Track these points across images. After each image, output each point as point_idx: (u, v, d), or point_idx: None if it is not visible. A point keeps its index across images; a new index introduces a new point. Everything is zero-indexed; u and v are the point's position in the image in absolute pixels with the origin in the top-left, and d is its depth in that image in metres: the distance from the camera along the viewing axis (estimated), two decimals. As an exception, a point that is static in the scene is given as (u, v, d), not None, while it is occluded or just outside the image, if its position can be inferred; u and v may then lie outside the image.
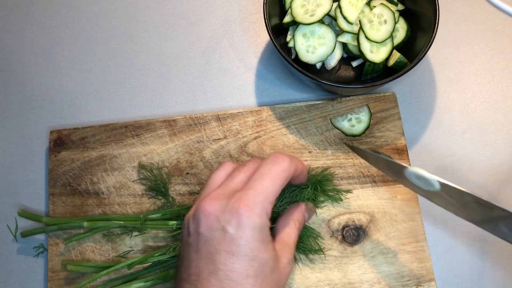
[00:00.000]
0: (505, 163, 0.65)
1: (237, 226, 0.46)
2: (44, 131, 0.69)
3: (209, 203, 0.48)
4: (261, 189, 0.48)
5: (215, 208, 0.48)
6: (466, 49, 0.71)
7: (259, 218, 0.47)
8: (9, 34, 0.74)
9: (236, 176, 0.51)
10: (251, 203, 0.47)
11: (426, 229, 0.62)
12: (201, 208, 0.48)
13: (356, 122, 0.65)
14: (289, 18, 0.65)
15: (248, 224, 0.46)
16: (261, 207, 0.47)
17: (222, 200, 0.48)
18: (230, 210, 0.47)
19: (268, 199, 0.48)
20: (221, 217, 0.47)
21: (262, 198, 0.48)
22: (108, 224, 0.61)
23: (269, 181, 0.49)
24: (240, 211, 0.46)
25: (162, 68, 0.72)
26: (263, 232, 0.48)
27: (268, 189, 0.49)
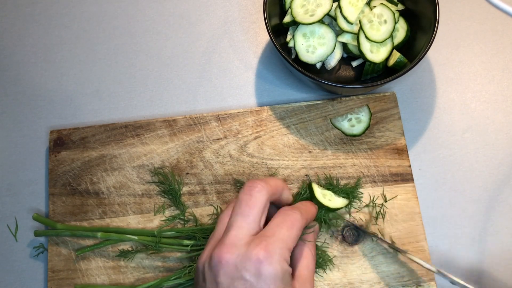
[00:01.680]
0: (505, 163, 0.65)
1: (257, 274, 0.45)
2: (44, 131, 0.69)
3: (226, 251, 0.46)
4: (279, 236, 0.47)
5: (233, 256, 0.46)
6: (466, 49, 0.71)
7: (280, 265, 0.45)
8: (9, 34, 0.74)
9: (248, 214, 0.49)
10: (270, 249, 0.45)
11: (426, 229, 0.62)
12: (218, 256, 0.46)
13: (356, 122, 0.65)
14: (289, 18, 0.65)
15: (269, 272, 0.45)
16: (280, 254, 0.46)
17: (239, 246, 0.46)
18: (250, 258, 0.45)
19: (286, 246, 0.47)
20: (239, 266, 0.45)
21: (281, 245, 0.46)
22: (121, 237, 0.60)
23: (285, 229, 0.48)
24: (260, 258, 0.45)
25: (162, 68, 0.72)
26: (284, 279, 0.46)
27: (285, 236, 0.47)
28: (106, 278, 0.61)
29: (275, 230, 0.48)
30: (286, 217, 0.49)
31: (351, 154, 0.64)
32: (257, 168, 0.64)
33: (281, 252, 0.46)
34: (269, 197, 0.50)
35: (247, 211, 0.49)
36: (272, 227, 0.48)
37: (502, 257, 0.62)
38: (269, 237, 0.47)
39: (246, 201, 0.49)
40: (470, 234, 0.63)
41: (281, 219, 0.49)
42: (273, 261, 0.45)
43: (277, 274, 0.45)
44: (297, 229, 0.49)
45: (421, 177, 0.65)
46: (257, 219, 0.49)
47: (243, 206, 0.49)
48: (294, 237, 0.48)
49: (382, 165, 0.64)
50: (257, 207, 0.49)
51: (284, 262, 0.46)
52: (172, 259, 0.61)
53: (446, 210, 0.64)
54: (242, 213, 0.49)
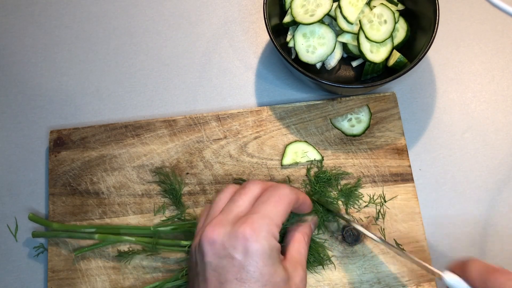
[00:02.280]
0: (505, 163, 0.65)
1: (244, 252, 0.45)
2: (44, 131, 0.69)
3: (213, 230, 0.46)
4: (265, 212, 0.47)
5: (219, 235, 0.46)
6: (466, 49, 0.71)
7: (267, 241, 0.45)
8: (9, 34, 0.74)
9: (238, 199, 0.50)
10: (256, 226, 0.45)
11: (426, 229, 0.62)
12: (205, 236, 0.46)
13: (356, 122, 0.65)
14: (289, 18, 0.65)
15: (256, 249, 0.45)
16: (267, 230, 0.46)
17: (226, 226, 0.47)
18: (236, 236, 0.45)
19: (273, 222, 0.47)
20: (227, 244, 0.45)
21: (268, 221, 0.46)
22: (119, 238, 0.60)
23: (272, 205, 0.48)
24: (246, 235, 0.45)
25: (162, 68, 0.72)
26: (272, 255, 0.46)
27: (272, 212, 0.47)
28: (106, 278, 0.61)
29: (262, 207, 0.48)
30: (273, 192, 0.49)
31: (351, 154, 0.64)
32: (257, 168, 0.64)
33: (268, 228, 0.46)
34: (261, 190, 0.51)
35: (237, 197, 0.50)
36: (259, 203, 0.48)
37: (502, 257, 0.62)
38: (255, 213, 0.47)
39: (239, 191, 0.50)
40: (470, 234, 0.63)
41: (268, 195, 0.49)
42: (260, 238, 0.45)
43: (264, 250, 0.45)
44: (284, 204, 0.49)
45: (421, 177, 0.65)
46: (247, 203, 0.49)
47: (236, 195, 0.50)
48: (282, 212, 0.48)
49: (382, 165, 0.64)
50: (248, 195, 0.50)
51: (271, 238, 0.46)
52: (172, 260, 0.61)
53: (446, 210, 0.64)
54: (233, 199, 0.50)
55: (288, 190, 0.50)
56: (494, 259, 0.62)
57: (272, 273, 0.45)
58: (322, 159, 0.64)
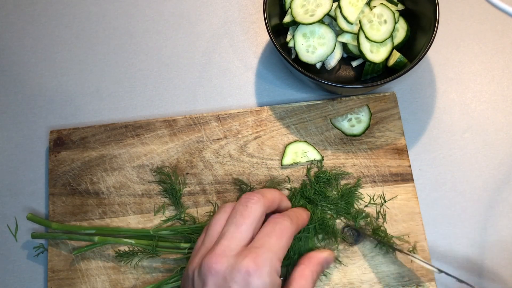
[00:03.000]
0: (505, 163, 0.65)
1: (245, 286, 0.44)
2: (44, 131, 0.69)
3: (216, 261, 0.46)
4: (269, 246, 0.47)
5: (222, 267, 0.45)
6: (466, 49, 0.71)
7: (269, 278, 0.45)
8: (9, 34, 0.74)
9: (241, 224, 0.48)
10: (260, 261, 0.45)
11: (426, 229, 0.62)
12: (208, 265, 0.46)
13: (356, 122, 0.65)
14: (289, 18, 0.65)
15: (258, 284, 0.44)
16: (270, 265, 0.45)
17: (229, 257, 0.46)
18: (239, 269, 0.45)
19: (276, 256, 0.46)
20: (228, 277, 0.45)
21: (271, 256, 0.46)
22: (118, 241, 0.60)
23: (275, 239, 0.48)
24: (249, 270, 0.44)
25: (162, 68, 0.72)
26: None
27: (275, 246, 0.47)
28: (106, 278, 0.61)
29: (265, 240, 0.47)
30: (275, 226, 0.49)
31: (351, 154, 0.64)
32: (257, 168, 0.64)
33: (271, 263, 0.46)
34: (265, 209, 0.50)
35: (241, 221, 0.49)
36: (262, 236, 0.48)
37: (502, 257, 0.62)
38: (259, 248, 0.46)
39: (241, 212, 0.49)
40: (470, 234, 0.63)
41: (270, 228, 0.49)
42: (262, 274, 0.45)
43: (265, 286, 0.45)
44: (287, 238, 0.49)
45: (421, 177, 0.65)
46: (250, 229, 0.48)
47: (238, 216, 0.49)
48: (284, 246, 0.48)
49: (382, 165, 0.64)
50: (251, 218, 0.49)
51: (273, 273, 0.46)
52: (171, 260, 0.61)
53: (446, 210, 0.64)
54: (236, 223, 0.49)
55: (289, 223, 0.50)
56: (494, 259, 0.62)
57: None
58: (322, 159, 0.64)
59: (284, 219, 0.50)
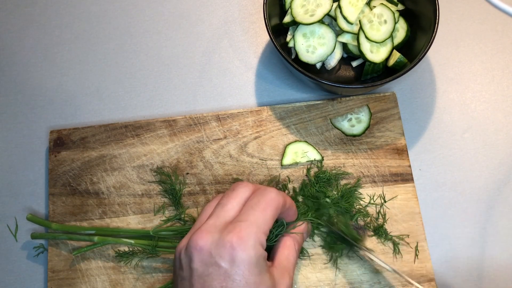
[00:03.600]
0: (505, 163, 0.65)
1: (231, 261, 0.45)
2: (44, 131, 0.69)
3: (201, 237, 0.46)
4: (253, 219, 0.47)
5: (207, 243, 0.46)
6: (466, 49, 0.71)
7: (254, 250, 0.45)
8: (9, 34, 0.74)
9: (226, 203, 0.50)
10: (244, 235, 0.45)
11: (426, 229, 0.62)
12: (193, 242, 0.46)
13: (356, 122, 0.65)
14: (289, 18, 0.65)
15: (243, 258, 0.45)
16: (254, 238, 0.46)
17: (214, 233, 0.47)
18: (223, 244, 0.45)
19: (261, 229, 0.47)
20: (214, 252, 0.45)
21: (255, 229, 0.46)
22: (118, 241, 0.60)
23: (260, 211, 0.48)
24: (233, 244, 0.45)
25: (162, 68, 0.72)
26: (259, 264, 0.46)
27: (260, 219, 0.47)
28: (106, 278, 0.61)
29: (249, 214, 0.48)
30: (260, 198, 0.49)
31: (351, 154, 0.64)
32: (257, 168, 0.64)
33: (255, 236, 0.46)
34: (251, 193, 0.51)
35: (227, 201, 0.50)
36: (246, 210, 0.48)
37: (502, 257, 0.62)
38: (243, 221, 0.47)
39: (228, 194, 0.50)
40: (470, 234, 0.63)
41: (255, 201, 0.49)
42: (247, 247, 0.45)
43: (250, 259, 0.45)
44: (272, 210, 0.49)
45: (421, 177, 0.65)
46: (236, 208, 0.49)
47: (225, 198, 0.50)
48: (269, 218, 0.48)
49: (382, 165, 0.64)
50: (237, 199, 0.50)
51: (258, 246, 0.46)
52: (171, 260, 0.61)
53: (446, 210, 0.64)
54: (222, 204, 0.50)
55: (275, 194, 0.50)
56: (494, 260, 0.62)
57: (258, 283, 0.46)
58: (322, 159, 0.64)
59: (270, 191, 0.50)
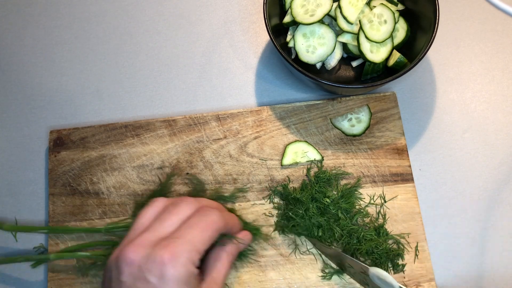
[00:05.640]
0: (505, 163, 0.65)
1: (160, 277, 0.44)
2: (44, 131, 0.69)
3: (133, 250, 0.45)
4: (189, 237, 0.46)
5: (138, 256, 0.45)
6: (466, 49, 0.71)
7: (185, 268, 0.44)
8: (9, 34, 0.74)
9: (166, 219, 0.48)
10: (176, 252, 0.44)
11: (426, 229, 0.62)
12: (124, 255, 0.45)
13: (356, 122, 0.65)
14: (289, 18, 0.65)
15: (172, 274, 0.44)
16: (187, 256, 0.45)
17: (146, 247, 0.45)
18: (154, 259, 0.44)
19: (195, 248, 0.46)
20: (144, 267, 0.44)
21: (189, 247, 0.45)
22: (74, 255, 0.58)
23: (198, 231, 0.47)
24: (164, 260, 0.44)
25: (162, 68, 0.72)
26: (188, 283, 0.45)
27: (196, 238, 0.46)
28: (106, 278, 0.61)
29: (186, 232, 0.47)
30: (201, 218, 0.48)
31: (351, 154, 0.64)
32: (257, 168, 0.64)
33: (188, 255, 0.45)
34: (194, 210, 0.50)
35: (167, 217, 0.49)
36: (184, 228, 0.47)
37: (502, 257, 0.62)
38: (177, 238, 0.46)
39: (170, 210, 0.49)
40: (470, 234, 0.63)
41: (195, 220, 0.48)
42: (178, 264, 0.44)
43: (180, 277, 0.44)
44: (211, 231, 0.48)
45: (421, 177, 0.65)
46: (175, 225, 0.48)
47: (165, 213, 0.49)
48: (206, 239, 0.47)
49: (382, 165, 0.64)
50: (178, 216, 0.49)
51: (190, 264, 0.45)
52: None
53: (446, 210, 0.64)
54: (161, 219, 0.49)
55: (217, 217, 0.49)
56: (494, 259, 0.62)
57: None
58: (322, 159, 0.64)
59: (212, 212, 0.49)
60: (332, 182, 0.62)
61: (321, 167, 0.64)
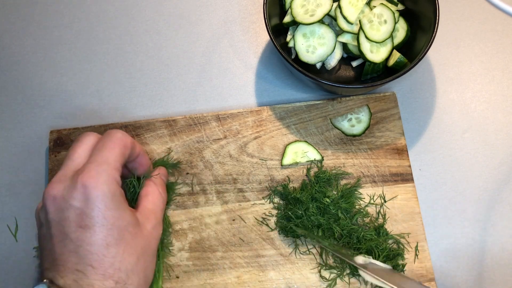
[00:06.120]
0: (505, 163, 0.65)
1: (85, 200, 0.45)
2: (44, 131, 0.69)
3: (52, 188, 0.47)
4: (101, 159, 0.48)
5: (59, 191, 0.46)
6: (466, 49, 0.71)
7: (107, 186, 0.46)
8: (9, 34, 0.74)
9: (73, 154, 0.50)
10: (94, 173, 0.46)
11: (426, 229, 0.62)
12: (46, 194, 0.47)
13: (356, 122, 0.65)
14: (289, 18, 0.65)
15: (96, 194, 0.45)
16: (106, 175, 0.46)
17: (65, 181, 0.47)
18: (75, 186, 0.45)
19: (111, 166, 0.47)
20: (67, 196, 0.46)
21: (105, 166, 0.47)
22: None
23: (108, 150, 0.49)
24: (85, 183, 0.45)
25: (162, 68, 0.72)
26: (115, 199, 0.46)
27: (109, 158, 0.48)
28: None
29: (96, 156, 0.48)
30: (106, 139, 0.50)
31: (351, 154, 0.64)
32: (257, 168, 0.64)
33: (106, 173, 0.46)
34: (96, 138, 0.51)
35: (72, 151, 0.50)
36: (93, 153, 0.49)
37: (502, 257, 0.62)
38: (91, 163, 0.47)
39: (73, 145, 0.51)
40: (470, 234, 0.63)
41: (101, 144, 0.50)
42: (99, 183, 0.45)
43: (105, 194, 0.45)
44: (120, 147, 0.50)
45: (421, 177, 0.65)
46: (83, 155, 0.49)
47: (70, 150, 0.51)
48: (118, 155, 0.49)
49: (382, 165, 0.64)
50: (82, 146, 0.50)
51: (112, 181, 0.47)
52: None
53: (446, 210, 0.64)
54: (69, 155, 0.50)
55: (120, 134, 0.51)
56: (493, 259, 0.62)
57: (117, 217, 0.46)
58: (322, 159, 0.64)
59: (115, 131, 0.51)
60: (332, 182, 0.62)
61: (321, 167, 0.64)
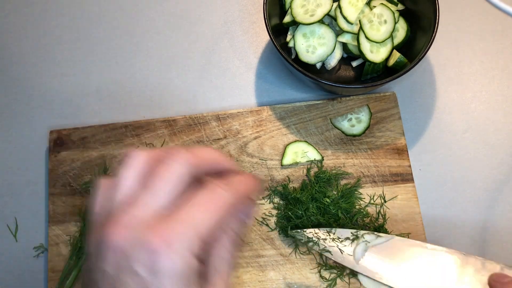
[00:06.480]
0: (505, 163, 0.65)
1: (150, 269, 0.33)
2: (44, 131, 0.69)
3: (117, 233, 0.34)
4: (189, 219, 0.35)
5: (124, 242, 0.34)
6: (466, 49, 0.71)
7: (181, 259, 0.34)
8: (9, 34, 0.74)
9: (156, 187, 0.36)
10: (171, 237, 0.34)
11: (426, 229, 0.62)
12: (107, 238, 0.34)
13: (356, 122, 0.65)
14: (289, 18, 0.65)
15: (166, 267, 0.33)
16: (186, 245, 0.34)
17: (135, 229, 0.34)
18: (142, 245, 0.33)
19: (197, 233, 0.35)
20: (130, 253, 0.33)
21: (189, 231, 0.34)
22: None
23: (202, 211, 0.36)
24: (155, 247, 0.33)
25: (162, 68, 0.72)
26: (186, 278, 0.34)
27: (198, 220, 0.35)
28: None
29: (185, 211, 0.35)
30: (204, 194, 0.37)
31: (351, 154, 0.64)
32: (257, 168, 0.64)
33: (187, 241, 0.34)
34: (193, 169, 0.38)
35: (158, 184, 0.36)
36: (183, 206, 0.36)
37: (502, 257, 0.62)
38: (174, 220, 0.35)
39: (158, 172, 0.37)
40: (470, 234, 0.63)
41: (200, 198, 0.36)
42: (172, 253, 0.33)
43: (177, 270, 0.33)
44: (218, 211, 0.36)
45: (421, 177, 0.65)
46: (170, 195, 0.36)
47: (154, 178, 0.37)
48: (211, 221, 0.36)
49: (382, 165, 0.64)
50: (171, 181, 0.36)
51: (188, 254, 0.34)
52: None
53: (446, 210, 0.64)
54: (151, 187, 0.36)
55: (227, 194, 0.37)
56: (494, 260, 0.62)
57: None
58: (322, 159, 0.64)
59: (219, 186, 0.37)
60: (332, 182, 0.62)
61: (321, 167, 0.64)
